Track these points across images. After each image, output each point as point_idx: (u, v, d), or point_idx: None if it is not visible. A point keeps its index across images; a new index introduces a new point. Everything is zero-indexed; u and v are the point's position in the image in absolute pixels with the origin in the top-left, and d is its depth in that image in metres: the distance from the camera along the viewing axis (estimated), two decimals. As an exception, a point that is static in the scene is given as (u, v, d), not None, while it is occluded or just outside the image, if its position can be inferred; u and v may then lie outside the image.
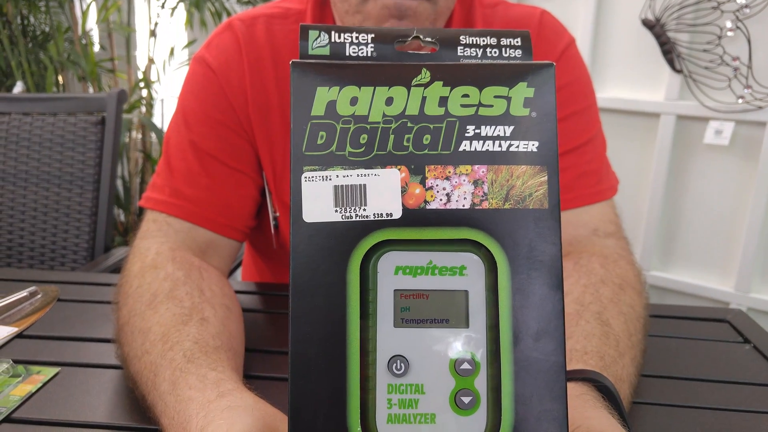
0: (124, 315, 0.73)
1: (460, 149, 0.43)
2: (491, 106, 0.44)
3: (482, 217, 0.43)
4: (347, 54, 0.47)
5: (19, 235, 1.63)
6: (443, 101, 0.44)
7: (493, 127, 0.43)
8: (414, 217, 0.43)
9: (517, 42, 0.47)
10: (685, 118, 2.44)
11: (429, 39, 0.48)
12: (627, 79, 2.55)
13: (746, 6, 2.23)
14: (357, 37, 0.47)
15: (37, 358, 0.79)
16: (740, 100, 2.30)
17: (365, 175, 0.43)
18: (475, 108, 0.44)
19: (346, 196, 0.43)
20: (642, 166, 2.57)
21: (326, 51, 0.46)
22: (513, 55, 0.47)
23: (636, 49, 2.50)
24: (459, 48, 0.47)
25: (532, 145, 0.43)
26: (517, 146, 0.43)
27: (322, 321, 0.42)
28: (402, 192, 0.43)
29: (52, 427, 0.66)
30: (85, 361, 0.79)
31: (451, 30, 0.48)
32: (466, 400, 0.42)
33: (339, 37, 0.47)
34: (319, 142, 0.43)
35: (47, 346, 0.83)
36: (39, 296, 0.97)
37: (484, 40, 0.47)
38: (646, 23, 2.41)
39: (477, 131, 0.43)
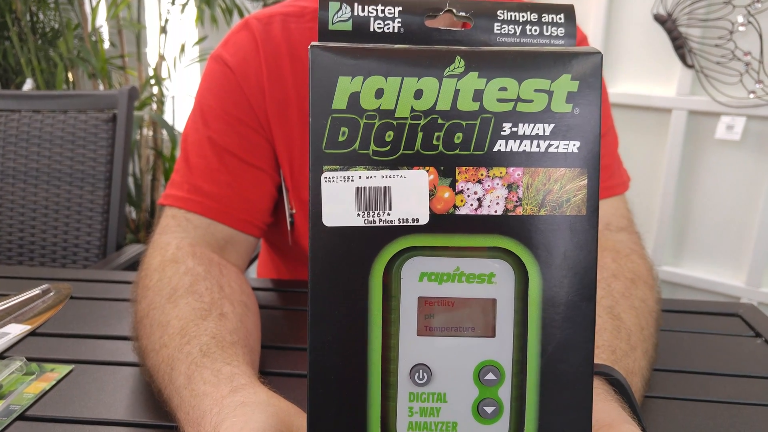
0: (143, 308, 0.74)
1: (495, 149, 0.39)
2: (531, 101, 0.39)
3: (515, 225, 0.40)
4: (371, 30, 0.42)
5: (31, 233, 1.63)
6: (478, 95, 0.39)
7: (531, 124, 0.39)
8: (442, 223, 0.40)
9: (560, 19, 0.43)
10: (696, 114, 2.43)
11: (463, 13, 0.43)
12: (639, 75, 2.54)
13: (758, 1, 2.22)
14: (383, 11, 0.43)
15: (50, 355, 0.79)
16: (752, 95, 2.29)
17: (390, 177, 0.39)
18: (513, 103, 0.39)
19: (369, 199, 0.39)
20: (654, 161, 2.56)
21: (348, 26, 0.42)
22: (555, 33, 0.43)
23: (648, 44, 2.49)
24: (496, 24, 0.43)
25: (573, 146, 0.39)
26: (557, 147, 0.39)
27: (342, 329, 0.40)
28: (430, 196, 0.39)
29: (65, 425, 0.66)
30: (98, 359, 0.79)
31: (488, 3, 0.44)
32: (489, 409, 0.41)
33: (362, 10, 0.42)
34: (341, 138, 0.39)
35: (60, 343, 0.83)
36: (51, 294, 0.97)
37: (523, 16, 0.43)
38: (657, 18, 2.40)
39: (514, 129, 0.39)
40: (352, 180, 0.39)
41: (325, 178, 0.39)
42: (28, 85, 2.69)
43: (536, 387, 0.40)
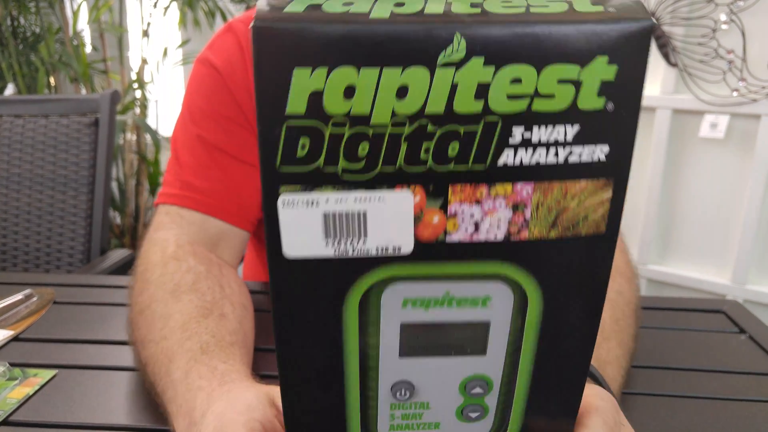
0: (144, 300, 0.74)
1: (500, 162, 0.30)
2: (552, 96, 0.29)
3: (518, 250, 0.32)
4: None
5: (13, 238, 1.62)
6: (483, 90, 0.29)
7: (550, 127, 0.30)
8: (429, 251, 0.32)
9: None
10: (680, 112, 2.45)
11: None
12: (621, 73, 2.55)
13: (739, -2, 2.23)
14: None
15: (33, 360, 0.79)
16: (735, 93, 2.30)
17: (366, 200, 0.31)
18: (528, 100, 0.29)
19: (339, 226, 0.32)
20: (639, 160, 2.57)
21: None
22: None
23: (629, 42, 2.50)
24: None
25: (600, 151, 0.31)
26: (580, 154, 0.30)
27: (315, 367, 0.35)
28: (415, 220, 0.31)
29: (49, 430, 0.65)
30: (82, 363, 0.78)
31: None
32: (474, 414, 0.38)
33: None
34: (300, 153, 0.30)
35: (44, 348, 0.82)
36: (34, 299, 0.96)
37: None
38: (639, 17, 2.41)
39: (527, 135, 0.30)
40: (317, 205, 0.31)
41: (283, 202, 0.31)
42: (9, 90, 2.67)
43: (525, 394, 0.38)
